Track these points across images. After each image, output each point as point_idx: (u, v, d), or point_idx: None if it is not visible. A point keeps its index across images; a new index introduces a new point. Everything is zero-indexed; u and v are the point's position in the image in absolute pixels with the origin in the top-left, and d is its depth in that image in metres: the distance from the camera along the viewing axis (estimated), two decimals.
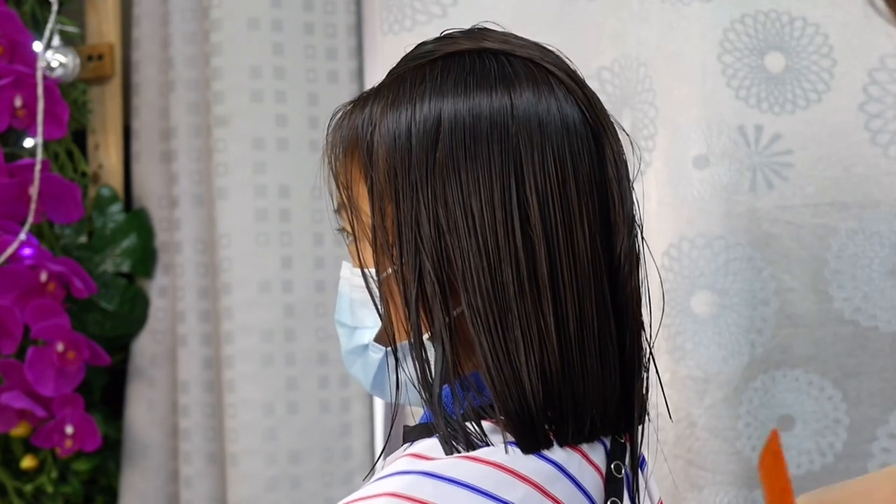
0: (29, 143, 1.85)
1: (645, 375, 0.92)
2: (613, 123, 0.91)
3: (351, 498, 0.83)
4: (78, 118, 1.94)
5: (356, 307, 0.93)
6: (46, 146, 1.84)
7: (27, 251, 1.79)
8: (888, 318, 1.44)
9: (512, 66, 0.88)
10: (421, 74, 0.89)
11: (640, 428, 0.92)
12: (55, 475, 1.87)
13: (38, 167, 1.79)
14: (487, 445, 0.84)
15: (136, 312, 1.94)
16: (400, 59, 0.92)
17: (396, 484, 0.82)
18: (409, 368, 0.89)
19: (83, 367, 1.82)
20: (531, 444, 0.84)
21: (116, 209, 1.95)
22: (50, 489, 1.86)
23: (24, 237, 1.78)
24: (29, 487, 1.87)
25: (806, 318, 1.46)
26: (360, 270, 0.90)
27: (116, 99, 1.98)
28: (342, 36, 1.87)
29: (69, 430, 1.80)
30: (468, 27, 0.93)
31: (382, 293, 0.89)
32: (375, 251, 0.88)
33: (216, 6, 1.80)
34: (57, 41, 1.84)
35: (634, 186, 0.92)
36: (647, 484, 0.98)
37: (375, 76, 1.15)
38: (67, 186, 1.83)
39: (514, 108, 0.86)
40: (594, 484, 0.87)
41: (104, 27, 1.97)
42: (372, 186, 0.88)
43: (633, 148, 0.96)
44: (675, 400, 1.45)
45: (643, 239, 0.93)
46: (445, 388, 0.86)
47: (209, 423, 1.88)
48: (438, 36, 0.92)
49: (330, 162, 0.92)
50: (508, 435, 0.85)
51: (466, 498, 0.81)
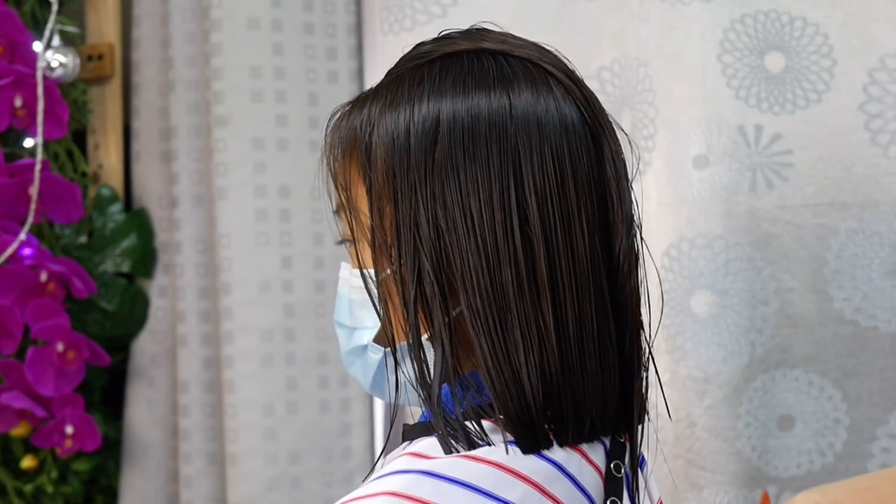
0: (29, 143, 1.85)
1: (644, 375, 0.92)
2: (612, 123, 0.91)
3: (350, 496, 0.83)
4: (78, 118, 1.94)
5: (355, 308, 0.93)
6: (46, 146, 1.84)
7: (27, 251, 1.79)
8: (888, 318, 1.44)
9: (510, 66, 0.88)
10: (419, 75, 0.88)
11: (639, 427, 0.92)
12: (55, 475, 1.87)
13: (38, 167, 1.79)
14: (488, 444, 0.84)
15: (136, 312, 1.94)
16: (398, 59, 0.92)
17: (396, 483, 0.82)
18: (408, 369, 0.88)
19: (83, 367, 1.81)
20: (531, 444, 0.84)
21: (116, 209, 1.95)
22: (50, 489, 1.86)
23: (24, 237, 1.78)
24: (29, 487, 1.87)
25: (806, 318, 1.46)
26: (359, 271, 0.90)
27: (116, 99, 1.98)
28: (342, 36, 1.87)
29: (69, 430, 1.80)
30: (466, 27, 0.93)
31: (381, 294, 0.89)
32: (374, 252, 0.88)
33: (216, 6, 1.80)
34: (57, 41, 1.84)
35: (633, 186, 0.92)
36: (646, 483, 0.98)
37: (375, 76, 1.16)
38: (67, 186, 1.83)
39: (512, 108, 0.86)
40: (594, 483, 0.87)
41: (104, 27, 1.97)
42: (370, 187, 0.87)
43: (631, 148, 0.96)
44: (674, 400, 1.45)
45: (642, 239, 0.92)
46: (445, 387, 0.86)
47: (209, 423, 1.88)
48: (436, 36, 0.92)
49: (328, 163, 0.91)
50: (508, 434, 0.85)
51: (466, 497, 0.81)
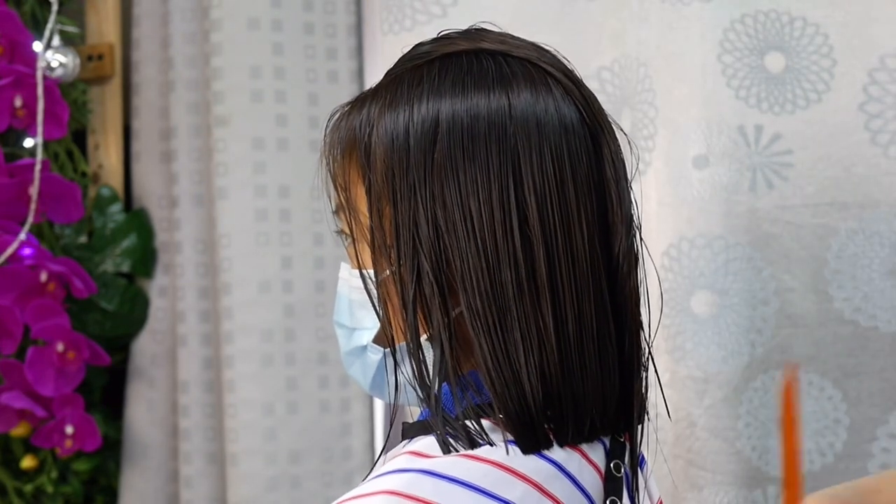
0: (29, 143, 1.84)
1: (644, 375, 0.92)
2: (611, 123, 0.91)
3: (350, 495, 0.83)
4: (78, 118, 1.94)
5: (355, 308, 0.93)
6: (46, 146, 1.84)
7: (27, 251, 1.79)
8: (888, 318, 1.44)
9: (509, 66, 0.88)
10: (418, 75, 0.88)
11: (639, 427, 0.92)
12: (55, 475, 1.86)
13: (38, 167, 1.79)
14: (489, 444, 0.84)
15: (136, 312, 1.94)
16: (397, 59, 0.92)
17: (395, 482, 0.82)
18: (407, 369, 0.88)
19: (83, 367, 1.81)
20: (531, 444, 0.84)
21: (116, 209, 1.95)
22: (50, 489, 1.86)
23: (24, 237, 1.78)
24: (29, 487, 1.86)
25: (806, 318, 1.46)
26: (358, 272, 0.90)
27: (116, 99, 1.98)
28: (342, 36, 1.87)
29: (69, 430, 1.80)
30: (465, 28, 0.93)
31: (381, 294, 0.89)
32: (374, 252, 0.88)
33: (216, 6, 1.80)
34: (57, 41, 1.84)
35: (633, 186, 0.92)
36: (646, 483, 0.98)
37: (375, 76, 1.16)
38: (67, 186, 1.82)
39: (511, 108, 0.86)
40: (593, 483, 0.87)
41: (104, 27, 1.97)
42: (370, 187, 0.87)
43: (630, 148, 0.96)
44: (674, 400, 1.45)
45: (641, 239, 0.92)
46: (445, 387, 0.86)
47: (209, 423, 1.88)
48: (435, 37, 0.92)
49: (328, 163, 0.92)
50: (508, 434, 0.85)
51: (465, 496, 0.81)
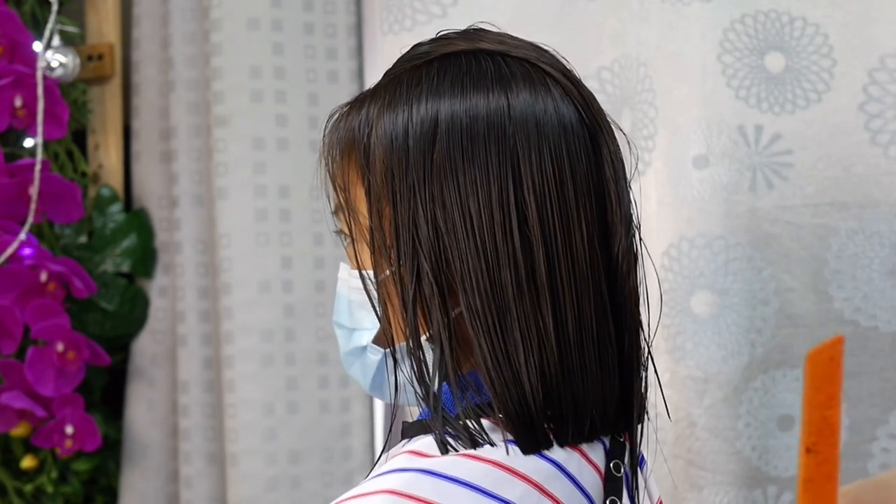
0: (29, 143, 1.84)
1: (644, 375, 0.92)
2: (610, 123, 0.91)
3: (350, 494, 0.82)
4: (78, 118, 1.94)
5: (354, 309, 0.93)
6: (46, 146, 1.84)
7: (27, 251, 1.79)
8: (888, 318, 1.44)
9: (508, 66, 0.88)
10: (417, 75, 0.88)
11: (639, 427, 0.92)
12: (55, 475, 1.87)
13: (38, 167, 1.79)
14: (490, 443, 0.84)
15: (136, 312, 1.94)
16: (396, 60, 0.92)
17: (395, 481, 0.82)
18: (407, 370, 0.88)
19: (83, 367, 1.81)
20: (531, 444, 0.84)
21: (116, 209, 1.95)
22: (50, 489, 1.86)
23: (24, 237, 1.78)
24: (29, 487, 1.87)
25: (806, 318, 1.46)
26: (357, 272, 0.90)
27: (116, 99, 1.98)
28: (342, 36, 1.87)
29: (69, 430, 1.80)
30: (464, 28, 0.93)
31: (380, 295, 0.89)
32: (373, 253, 0.88)
33: (216, 6, 1.80)
34: (57, 41, 1.84)
35: (632, 186, 0.92)
36: (646, 483, 0.98)
37: (375, 76, 1.16)
38: (67, 186, 1.83)
39: (510, 108, 0.86)
40: (593, 483, 0.87)
41: (104, 27, 1.97)
42: (369, 188, 0.87)
43: (630, 147, 0.96)
44: (674, 400, 1.45)
45: (641, 239, 0.92)
46: (445, 387, 0.86)
47: (209, 423, 1.88)
48: (434, 37, 0.92)
49: (327, 164, 0.91)
50: (508, 434, 0.85)
51: (465, 496, 0.81)
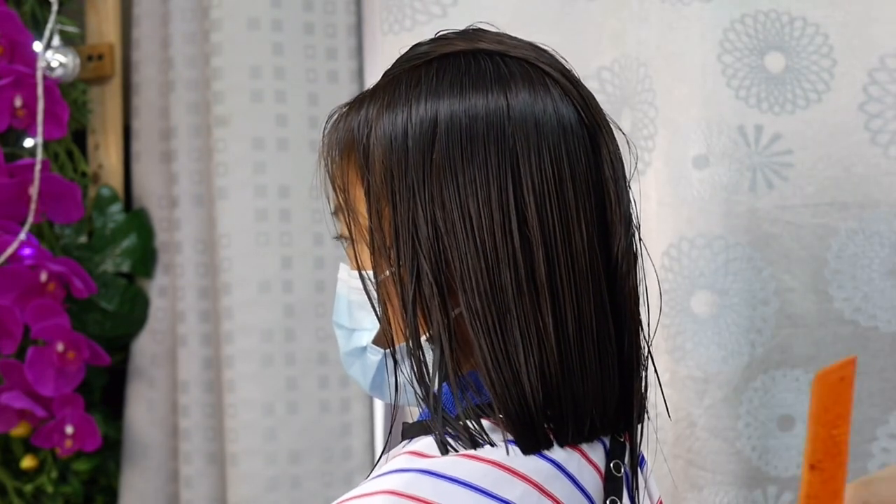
0: (29, 143, 1.85)
1: (644, 375, 0.92)
2: (610, 123, 0.91)
3: (350, 495, 0.83)
4: (78, 118, 1.94)
5: (354, 309, 0.93)
6: (46, 146, 1.84)
7: (27, 251, 1.79)
8: (888, 318, 1.44)
9: (507, 66, 0.88)
10: (416, 76, 0.88)
11: (639, 427, 0.92)
12: (55, 475, 1.87)
13: (38, 167, 1.79)
14: (490, 443, 0.84)
15: (136, 312, 1.94)
16: (395, 60, 0.92)
17: (395, 482, 0.82)
18: (407, 370, 0.88)
19: (83, 367, 1.81)
20: (531, 444, 0.84)
21: (116, 209, 1.95)
22: (50, 489, 1.86)
23: (24, 237, 1.78)
24: (29, 487, 1.87)
25: (806, 318, 1.46)
26: (357, 272, 0.90)
27: (116, 99, 1.98)
28: (342, 36, 1.87)
29: (69, 430, 1.80)
30: (463, 28, 0.93)
31: (380, 295, 0.89)
32: (373, 253, 0.88)
33: (216, 6, 1.80)
34: (57, 41, 1.84)
35: (632, 186, 0.92)
36: (646, 483, 0.98)
37: (375, 76, 1.15)
38: (67, 186, 1.83)
39: (510, 108, 0.86)
40: (593, 483, 0.87)
41: (104, 27, 1.97)
42: (369, 188, 0.87)
43: (629, 147, 0.96)
44: (674, 400, 1.45)
45: (640, 239, 0.92)
46: (445, 387, 0.86)
47: (209, 423, 1.88)
48: (433, 37, 0.92)
49: (326, 164, 0.91)
50: (508, 434, 0.85)
51: (465, 496, 0.81)
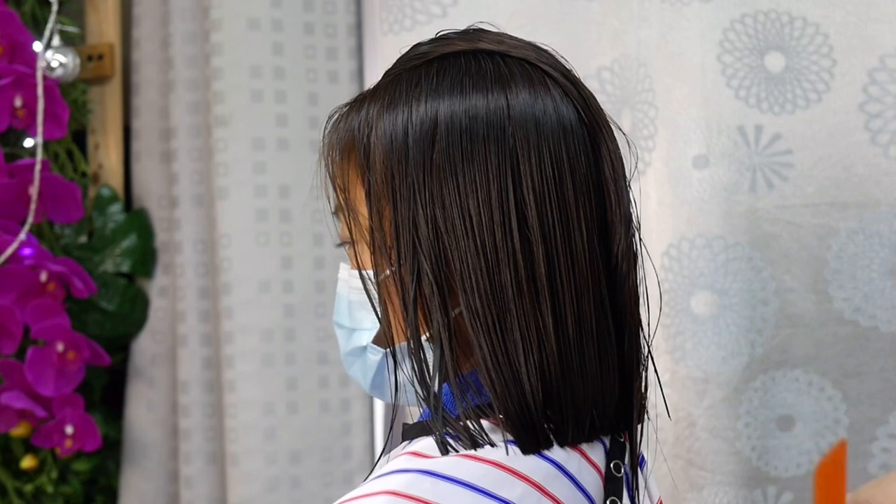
0: (29, 143, 1.84)
1: (644, 375, 0.92)
2: (610, 123, 0.91)
3: (350, 495, 0.83)
4: (78, 118, 1.94)
5: (354, 309, 0.93)
6: (46, 146, 1.84)
7: (27, 251, 1.79)
8: (888, 318, 1.44)
9: (507, 66, 0.88)
10: (417, 76, 0.88)
11: (639, 427, 0.92)
12: (55, 475, 1.87)
13: (38, 167, 1.79)
14: (490, 444, 0.84)
15: (136, 312, 1.94)
16: (395, 60, 0.92)
17: (395, 482, 0.82)
18: (408, 370, 0.88)
19: (83, 367, 1.81)
20: (531, 444, 0.84)
21: (116, 209, 1.95)
22: (50, 489, 1.86)
23: (24, 237, 1.78)
24: (29, 487, 1.87)
25: (806, 318, 1.46)
26: (358, 272, 0.90)
27: (116, 99, 1.98)
28: (342, 36, 1.87)
29: (69, 430, 1.80)
30: (464, 28, 0.93)
31: (380, 295, 0.89)
32: (373, 253, 0.88)
33: (216, 6, 1.80)
34: (57, 41, 1.84)
35: (632, 186, 0.92)
36: (646, 483, 0.98)
37: (375, 76, 1.15)
38: (67, 186, 1.83)
39: (510, 108, 0.86)
40: (593, 483, 0.87)
41: (104, 27, 1.97)
42: (369, 188, 0.87)
43: (629, 147, 0.96)
44: (674, 400, 1.45)
45: (640, 239, 0.92)
46: (445, 387, 0.86)
47: (209, 423, 1.88)
48: (434, 37, 0.92)
49: (327, 164, 0.92)
50: (508, 434, 0.85)
51: (465, 496, 0.81)
